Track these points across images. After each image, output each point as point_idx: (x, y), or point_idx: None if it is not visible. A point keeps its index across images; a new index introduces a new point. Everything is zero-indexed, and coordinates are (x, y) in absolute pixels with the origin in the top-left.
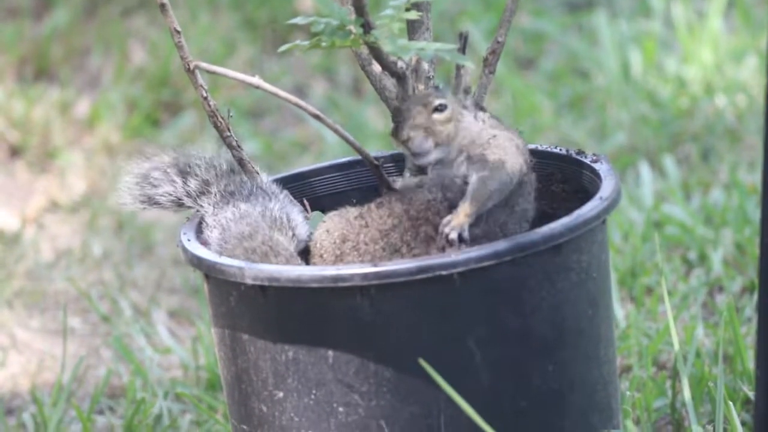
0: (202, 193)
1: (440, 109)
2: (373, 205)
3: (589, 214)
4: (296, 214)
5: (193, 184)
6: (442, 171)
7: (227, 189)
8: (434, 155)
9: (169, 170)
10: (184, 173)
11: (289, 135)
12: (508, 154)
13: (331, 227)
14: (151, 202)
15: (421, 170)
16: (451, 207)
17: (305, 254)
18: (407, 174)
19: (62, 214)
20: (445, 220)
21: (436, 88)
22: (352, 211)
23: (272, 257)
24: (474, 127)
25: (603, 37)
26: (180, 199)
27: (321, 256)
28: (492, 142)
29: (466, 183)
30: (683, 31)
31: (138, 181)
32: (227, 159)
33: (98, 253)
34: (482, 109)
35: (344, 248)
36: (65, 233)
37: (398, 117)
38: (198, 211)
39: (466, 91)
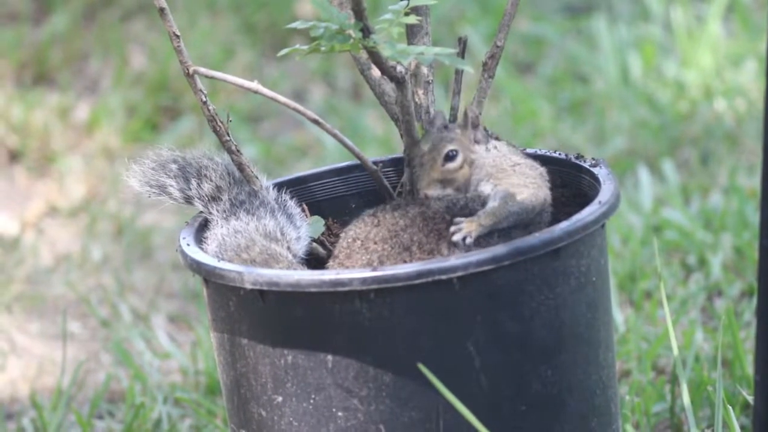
0: (213, 199)
1: (451, 156)
2: (389, 206)
3: (588, 218)
4: (292, 230)
5: (206, 187)
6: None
7: (237, 198)
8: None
9: (187, 168)
10: (199, 175)
11: (288, 139)
12: (534, 183)
13: (350, 227)
14: (162, 190)
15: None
16: (471, 215)
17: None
18: (406, 177)
19: (61, 219)
20: (457, 219)
21: (445, 127)
22: (368, 211)
23: (274, 264)
24: (489, 157)
25: (602, 41)
26: (190, 198)
27: (336, 256)
28: (517, 170)
29: (483, 205)
30: (682, 35)
31: (155, 167)
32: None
33: (97, 257)
34: (497, 138)
35: (354, 247)
36: (64, 238)
37: (411, 170)
38: (202, 213)
39: (474, 125)
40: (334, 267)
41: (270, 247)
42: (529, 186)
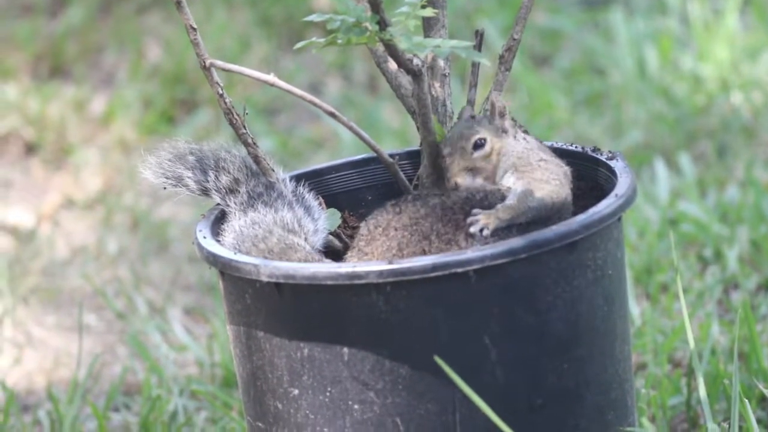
0: (231, 191)
1: (479, 144)
2: (410, 196)
3: (604, 211)
4: (310, 222)
5: (224, 180)
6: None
7: (255, 190)
8: (479, 181)
9: (204, 160)
10: (217, 167)
11: (304, 132)
12: (557, 180)
13: (372, 215)
14: (179, 182)
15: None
16: (490, 207)
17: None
18: (423, 169)
19: (77, 212)
20: (475, 210)
21: (472, 117)
22: (392, 201)
23: (292, 253)
24: (517, 147)
25: (619, 34)
26: (207, 191)
27: (357, 243)
28: (542, 165)
29: (503, 198)
30: (699, 28)
31: (172, 158)
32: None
33: (113, 250)
34: (526, 131)
35: (375, 233)
36: (80, 230)
37: (442, 158)
38: (219, 205)
39: (502, 115)
40: (355, 253)
41: (287, 237)
42: (551, 182)
